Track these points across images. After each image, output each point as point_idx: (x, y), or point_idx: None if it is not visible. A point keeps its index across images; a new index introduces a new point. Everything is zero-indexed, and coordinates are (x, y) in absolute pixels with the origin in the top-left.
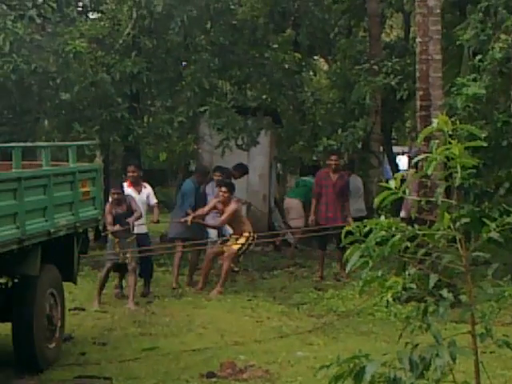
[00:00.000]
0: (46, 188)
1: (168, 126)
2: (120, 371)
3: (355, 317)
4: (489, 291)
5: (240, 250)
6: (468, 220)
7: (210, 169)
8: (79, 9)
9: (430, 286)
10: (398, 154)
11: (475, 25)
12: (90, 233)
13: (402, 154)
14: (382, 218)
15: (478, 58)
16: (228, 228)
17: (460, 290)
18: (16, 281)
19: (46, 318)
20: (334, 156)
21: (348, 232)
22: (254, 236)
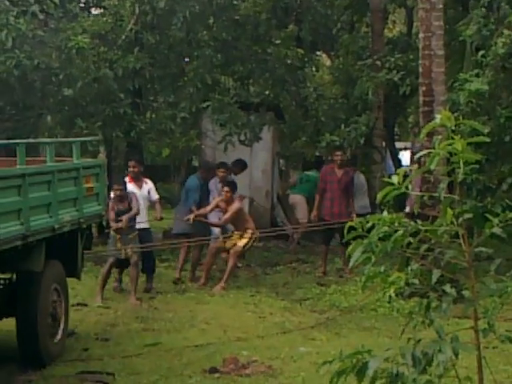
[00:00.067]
0: (50, 184)
1: (171, 121)
2: (123, 367)
3: (358, 312)
4: (491, 286)
5: (245, 246)
6: (471, 215)
7: (213, 164)
8: (82, 4)
9: (432, 282)
10: (400, 149)
11: (478, 20)
12: (93, 228)
13: (405, 149)
14: (385, 213)
15: (481, 53)
16: (229, 225)
17: (463, 285)
18: (20, 276)
19: (50, 314)
20: (339, 151)
21: (351, 227)
22: (257, 235)
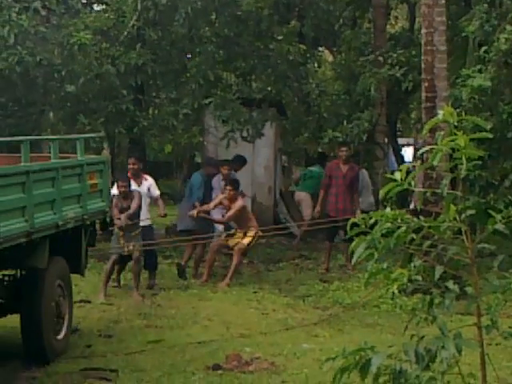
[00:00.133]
0: (55, 181)
1: (173, 118)
2: (126, 363)
3: (361, 309)
4: (494, 283)
5: (249, 244)
6: (473, 212)
7: (217, 161)
8: (84, 1)
9: (435, 278)
10: (403, 145)
11: (480, 16)
12: (96, 225)
13: (407, 145)
14: (388, 209)
15: (484, 49)
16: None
17: (466, 281)
18: (24, 273)
19: (54, 310)
20: (345, 147)
21: (354, 224)
22: (260, 234)
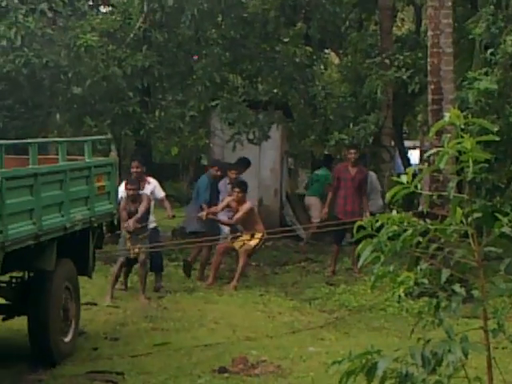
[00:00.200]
0: (63, 183)
1: (179, 120)
2: (132, 366)
3: (367, 312)
4: (501, 286)
5: (256, 247)
6: (480, 215)
7: (223, 163)
8: (90, 2)
9: (442, 281)
10: (409, 148)
11: (487, 18)
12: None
13: (414, 148)
14: (394, 212)
15: (490, 51)
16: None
17: (472, 285)
18: (32, 275)
19: (62, 312)
20: (353, 149)
21: (360, 227)
22: (266, 237)
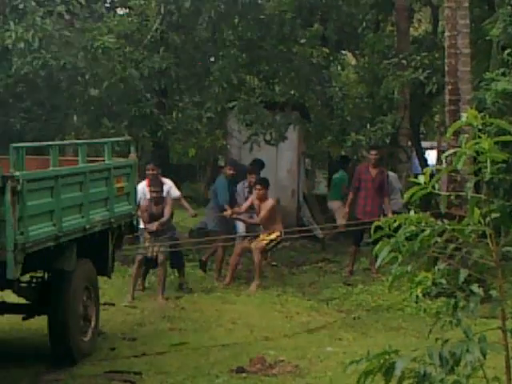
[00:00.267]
0: (82, 185)
1: (197, 121)
2: (150, 366)
3: (385, 312)
4: None
5: (268, 245)
6: (498, 215)
7: (239, 163)
8: (107, 5)
9: (459, 282)
10: (426, 148)
11: (504, 18)
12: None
13: (431, 148)
14: (412, 213)
15: (507, 52)
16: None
17: (490, 285)
18: (52, 275)
19: (81, 312)
20: (374, 151)
21: (378, 227)
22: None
